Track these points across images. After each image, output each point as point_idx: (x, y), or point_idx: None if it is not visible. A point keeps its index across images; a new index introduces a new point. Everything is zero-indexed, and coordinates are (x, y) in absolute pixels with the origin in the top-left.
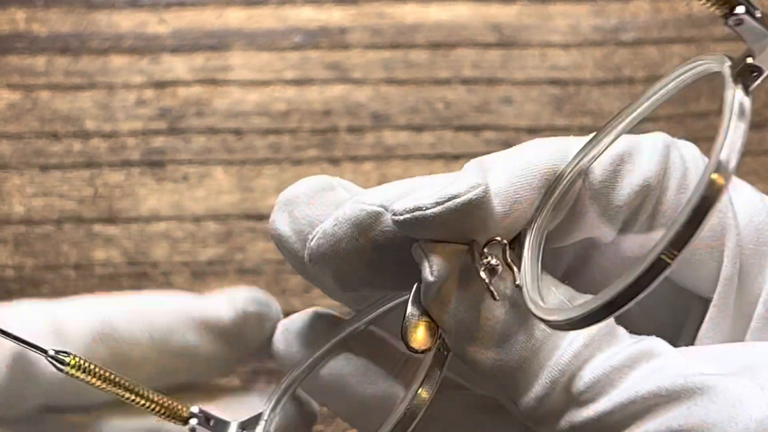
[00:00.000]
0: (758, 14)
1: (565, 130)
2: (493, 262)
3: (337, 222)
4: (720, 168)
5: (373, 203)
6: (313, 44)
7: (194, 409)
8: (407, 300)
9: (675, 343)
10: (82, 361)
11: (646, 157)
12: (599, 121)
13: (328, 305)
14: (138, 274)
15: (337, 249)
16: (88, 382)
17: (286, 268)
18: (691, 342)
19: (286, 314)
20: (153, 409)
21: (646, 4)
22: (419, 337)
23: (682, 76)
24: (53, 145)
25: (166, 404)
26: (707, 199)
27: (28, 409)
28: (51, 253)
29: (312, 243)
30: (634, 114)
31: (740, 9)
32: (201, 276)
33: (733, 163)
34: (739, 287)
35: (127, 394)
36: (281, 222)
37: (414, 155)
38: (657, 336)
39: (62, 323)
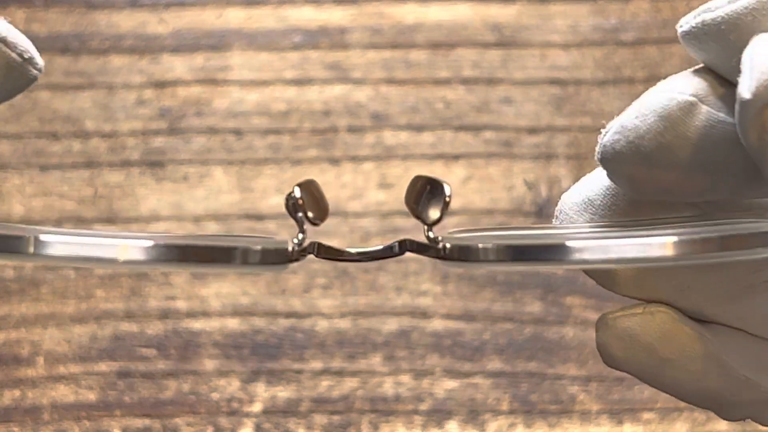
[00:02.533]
0: None
1: (565, 130)
2: None
3: (639, 113)
4: None
5: (684, 92)
6: (313, 44)
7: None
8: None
9: None
10: None
11: None
12: (599, 121)
13: (329, 305)
14: (138, 274)
15: (637, 146)
16: None
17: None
18: None
19: (286, 315)
20: None
21: (646, 3)
22: None
23: None
24: (53, 145)
25: None
26: None
27: None
28: None
29: (605, 139)
30: None
31: None
32: (201, 276)
33: None
34: None
35: None
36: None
37: (414, 155)
38: None
39: None
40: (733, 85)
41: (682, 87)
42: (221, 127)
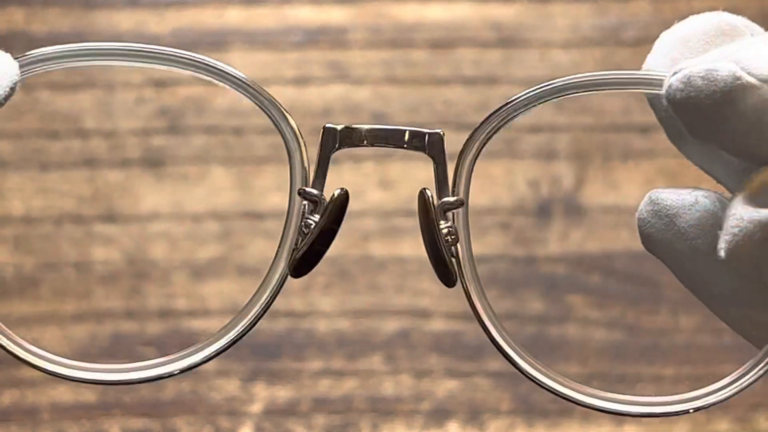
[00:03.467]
0: None
1: (566, 130)
2: None
3: (707, 76)
4: None
5: (757, 75)
6: (313, 44)
7: None
8: None
9: None
10: None
11: None
12: (600, 121)
13: (331, 303)
14: (137, 273)
15: (697, 105)
16: None
17: None
18: None
19: (286, 315)
20: None
21: (647, 3)
22: None
23: None
24: (53, 144)
25: None
26: None
27: None
28: (51, 252)
29: (673, 79)
30: None
31: None
32: (201, 275)
33: None
34: None
35: None
36: (660, 65)
37: (414, 155)
38: None
39: None
40: None
41: (756, 66)
42: (221, 126)
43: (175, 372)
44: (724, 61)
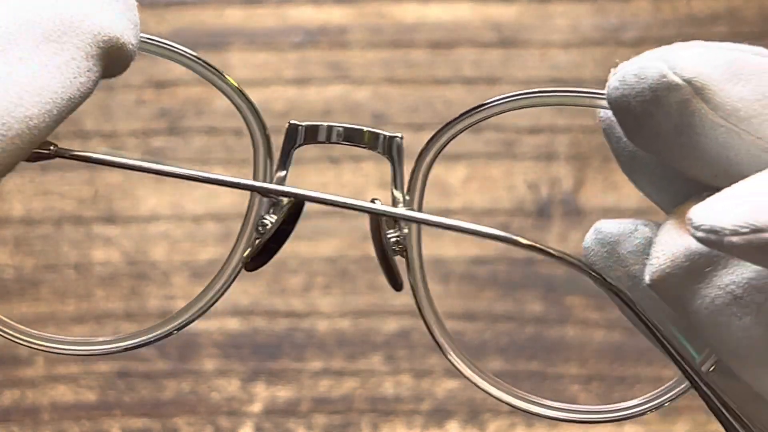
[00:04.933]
0: None
1: (566, 131)
2: None
3: (639, 72)
4: None
5: (681, 74)
6: (313, 44)
7: None
8: None
9: None
10: None
11: None
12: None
13: (331, 303)
14: (137, 274)
15: (628, 103)
16: None
17: (286, 268)
18: None
19: (286, 315)
20: None
21: (647, 3)
22: None
23: None
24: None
25: None
26: None
27: None
28: (51, 253)
29: (611, 80)
30: None
31: None
32: (200, 276)
33: None
34: None
35: None
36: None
37: (414, 155)
38: None
39: None
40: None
41: (682, 66)
42: (221, 127)
43: (120, 349)
44: (655, 60)
